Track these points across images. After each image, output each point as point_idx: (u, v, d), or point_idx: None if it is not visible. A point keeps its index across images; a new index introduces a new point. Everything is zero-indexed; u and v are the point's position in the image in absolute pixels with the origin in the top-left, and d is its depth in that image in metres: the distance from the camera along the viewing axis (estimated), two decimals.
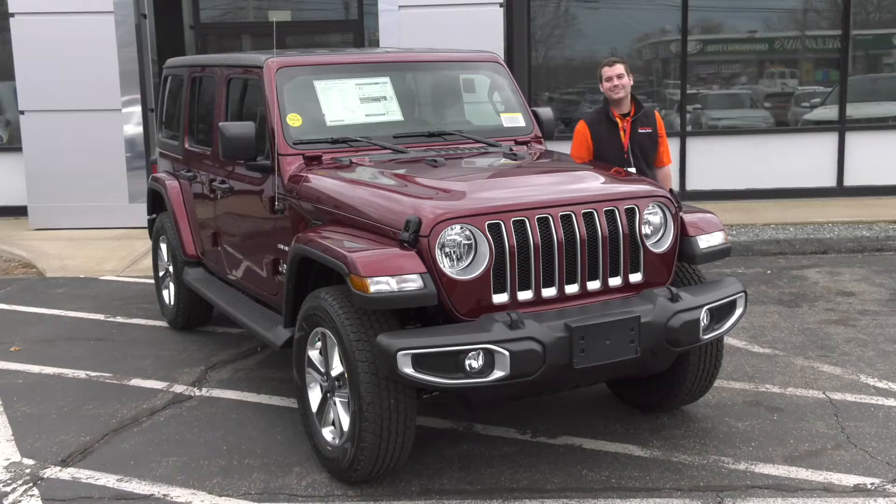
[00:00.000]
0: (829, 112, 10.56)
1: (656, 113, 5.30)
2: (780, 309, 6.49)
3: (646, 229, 3.99)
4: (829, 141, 10.42)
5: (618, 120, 5.18)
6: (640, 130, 5.23)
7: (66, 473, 4.12)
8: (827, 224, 8.93)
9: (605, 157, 5.10)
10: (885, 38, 10.86)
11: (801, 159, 10.30)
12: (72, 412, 4.86)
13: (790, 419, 4.53)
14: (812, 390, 4.91)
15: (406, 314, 3.83)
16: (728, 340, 5.65)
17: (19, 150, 10.21)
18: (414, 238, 3.61)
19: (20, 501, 3.86)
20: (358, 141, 4.69)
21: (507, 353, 3.46)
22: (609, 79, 5.19)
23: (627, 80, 5.20)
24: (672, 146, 10.48)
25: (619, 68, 5.24)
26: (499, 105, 5.32)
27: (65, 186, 9.95)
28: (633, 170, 5.06)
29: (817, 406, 4.68)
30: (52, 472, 4.14)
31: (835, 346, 5.65)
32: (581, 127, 5.27)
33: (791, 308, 6.51)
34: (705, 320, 3.89)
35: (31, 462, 4.24)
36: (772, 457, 4.10)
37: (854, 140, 10.39)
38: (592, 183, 4.08)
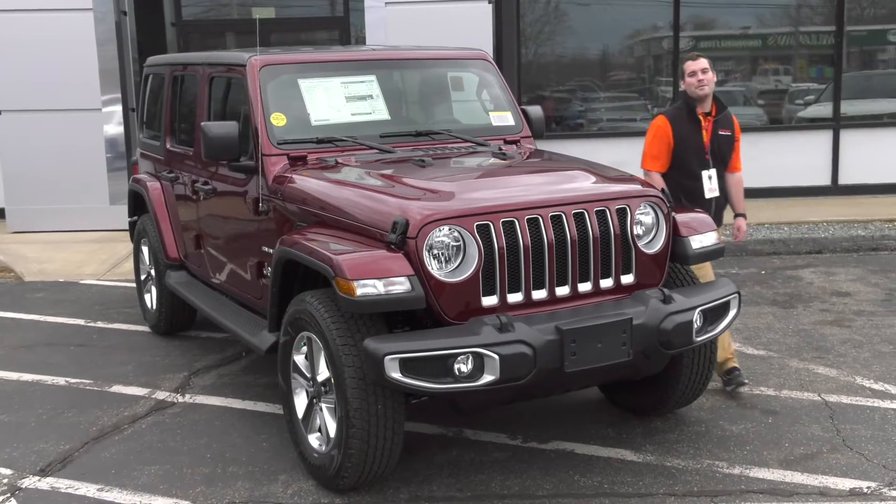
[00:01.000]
0: (824, 109, 10.61)
1: (734, 117, 5.04)
2: (774, 310, 6.52)
3: (637, 229, 4.00)
4: (823, 139, 10.47)
5: (701, 118, 4.88)
6: (720, 132, 4.93)
7: (45, 483, 4.10)
8: (822, 223, 8.97)
9: (684, 157, 4.85)
10: (880, 34, 10.92)
11: (796, 157, 10.34)
12: (51, 420, 4.83)
13: (785, 422, 4.54)
14: (807, 392, 4.94)
15: (393, 318, 3.82)
16: None
17: None
18: (401, 240, 3.61)
19: None
20: (344, 141, 4.68)
21: (496, 356, 3.46)
22: (693, 73, 4.84)
23: (712, 76, 4.87)
24: None
25: (704, 62, 4.88)
26: (487, 103, 5.32)
27: (43, 188, 9.90)
28: (712, 172, 4.87)
29: (813, 408, 4.70)
30: (30, 481, 4.11)
31: (830, 347, 5.68)
32: (661, 122, 4.90)
33: (786, 309, 6.53)
34: (698, 322, 3.91)
35: (8, 472, 4.22)
36: (767, 461, 4.12)
37: (849, 138, 10.45)
38: (583, 183, 4.09)
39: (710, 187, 4.87)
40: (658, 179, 4.83)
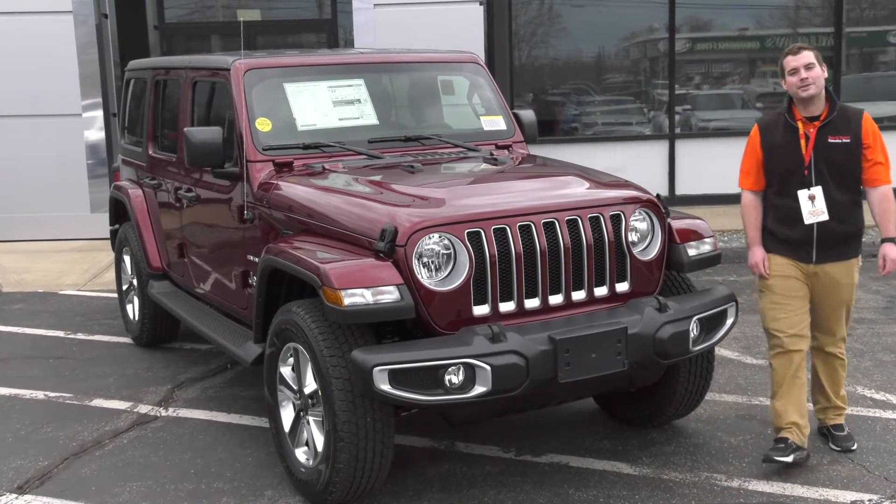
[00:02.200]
0: None
1: (865, 117, 4.10)
2: None
3: (632, 236, 4.01)
4: None
5: (799, 124, 4.06)
6: (830, 140, 4.02)
7: (23, 501, 4.08)
8: None
9: (777, 172, 4.10)
10: (880, 36, 11.00)
11: None
12: (29, 435, 4.81)
13: None
14: (808, 403, 4.94)
15: (382, 328, 3.82)
16: (719, 351, 5.68)
17: None
18: (390, 248, 3.62)
19: None
20: (331, 146, 4.69)
21: (488, 367, 3.47)
22: (794, 71, 4.02)
23: (820, 72, 4.03)
24: (660, 149, 10.71)
25: (808, 56, 4.04)
26: (479, 107, 5.34)
27: (22, 195, 9.88)
28: (815, 191, 4.03)
29: (813, 419, 4.71)
30: (7, 499, 4.09)
31: None
32: (753, 133, 4.21)
33: None
34: (695, 331, 3.92)
35: None
36: (766, 473, 4.13)
37: None
38: (576, 188, 4.10)
39: (812, 209, 4.04)
40: (749, 200, 4.22)
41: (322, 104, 4.86)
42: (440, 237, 3.65)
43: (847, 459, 4.24)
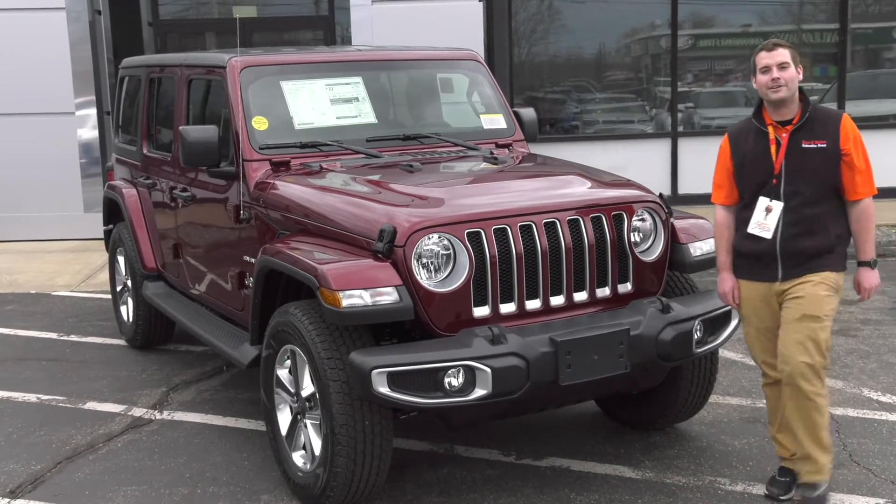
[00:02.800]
0: None
1: (844, 119, 3.67)
2: None
3: (635, 237, 4.01)
4: None
5: (770, 129, 3.70)
6: (804, 145, 3.65)
7: None
8: None
9: (748, 184, 3.74)
10: (886, 32, 11.01)
11: None
12: (21, 439, 4.81)
13: None
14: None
15: (381, 330, 3.82)
16: (723, 353, 5.69)
17: None
18: (389, 248, 3.61)
19: None
20: (328, 145, 4.69)
21: (488, 369, 3.46)
22: (766, 69, 3.65)
23: (794, 74, 3.65)
24: (662, 148, 10.72)
25: (783, 54, 3.65)
26: (478, 106, 5.34)
27: (14, 195, 9.88)
28: (777, 206, 3.66)
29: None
30: None
31: (836, 358, 5.70)
32: (723, 142, 3.86)
33: None
34: (698, 333, 3.92)
35: None
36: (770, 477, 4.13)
37: None
38: (578, 188, 4.10)
39: (762, 222, 3.69)
40: (721, 217, 3.87)
41: (319, 102, 4.86)
42: (440, 237, 3.65)
43: (853, 463, 4.24)
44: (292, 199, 4.28)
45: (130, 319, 6.26)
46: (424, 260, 3.64)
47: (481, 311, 3.70)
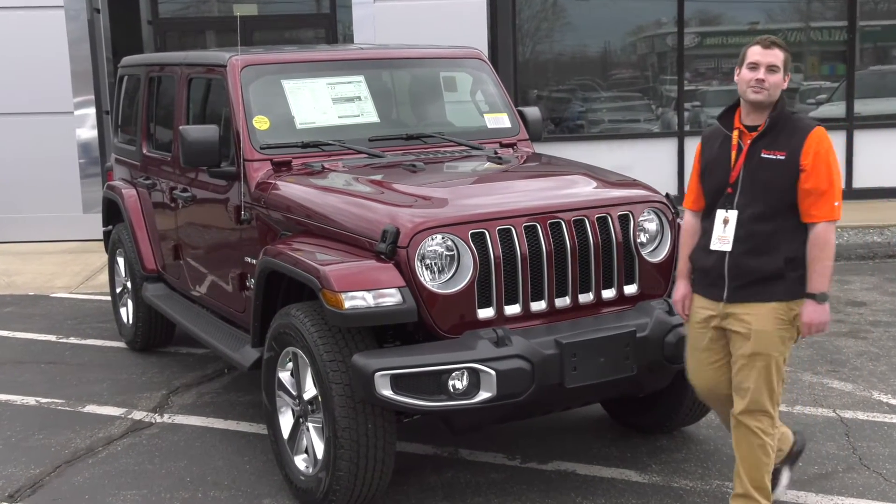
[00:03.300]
0: (836, 109, 10.66)
1: (814, 132, 3.34)
2: None
3: (641, 237, 4.01)
4: (836, 140, 10.30)
5: (735, 133, 3.44)
6: (763, 154, 3.36)
7: None
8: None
9: (708, 190, 3.52)
10: (895, 30, 10.99)
11: None
12: (20, 442, 4.82)
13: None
14: (821, 408, 4.95)
15: (384, 332, 3.82)
16: None
17: None
18: (391, 249, 3.62)
19: None
20: (330, 144, 4.69)
21: (493, 372, 3.46)
22: (755, 66, 3.36)
23: (781, 80, 3.36)
24: (668, 147, 10.71)
25: (777, 56, 3.35)
26: (482, 105, 5.34)
27: (12, 196, 9.89)
28: (732, 215, 3.40)
29: (827, 425, 4.71)
30: None
31: (845, 360, 5.70)
32: (699, 145, 3.68)
33: None
34: None
35: None
36: None
37: (863, 139, 10.50)
38: (583, 188, 4.10)
39: (721, 235, 3.43)
40: (687, 223, 3.64)
41: (321, 101, 4.86)
42: (443, 238, 3.65)
43: (863, 467, 4.24)
44: (294, 199, 4.28)
45: (130, 321, 6.27)
46: (428, 261, 3.64)
47: (485, 313, 3.70)
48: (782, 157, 3.34)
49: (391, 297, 3.55)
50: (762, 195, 3.36)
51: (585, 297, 3.88)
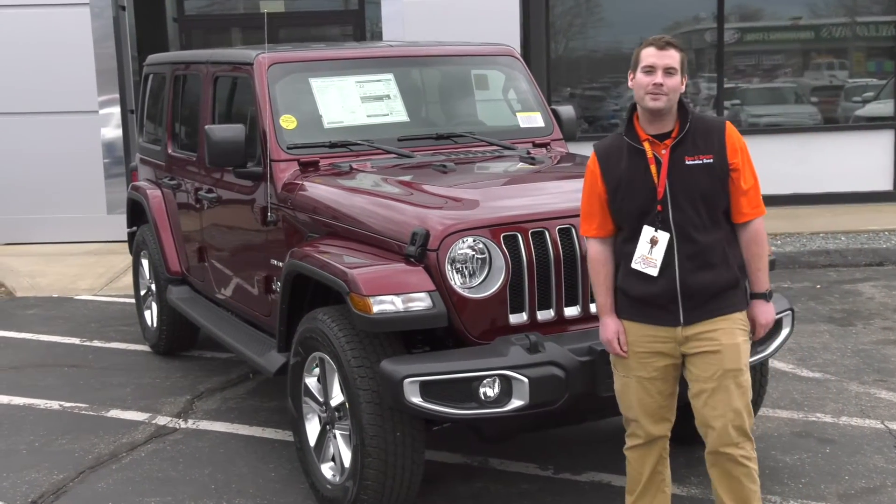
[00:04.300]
0: (884, 107, 10.53)
1: (728, 129, 3.25)
2: (831, 328, 6.46)
3: None
4: (883, 139, 10.38)
5: (646, 146, 3.22)
6: (687, 161, 3.19)
7: None
8: (883, 232, 8.89)
9: (627, 213, 3.24)
10: None
11: (853, 160, 10.26)
12: (43, 447, 4.87)
13: (844, 452, 4.49)
14: (868, 419, 4.88)
15: (412, 337, 3.82)
16: (773, 364, 5.61)
17: None
18: (421, 252, 3.61)
19: None
20: (359, 144, 4.71)
21: (525, 379, 3.45)
22: (650, 69, 3.17)
23: (679, 83, 3.19)
24: None
25: (673, 57, 3.18)
26: (515, 103, 5.33)
27: (36, 196, 10.00)
28: (663, 237, 3.17)
29: (875, 437, 4.64)
30: None
31: (893, 369, 5.62)
32: (591, 162, 3.35)
33: (843, 327, 6.47)
34: None
35: None
36: (824, 494, 4.07)
37: None
38: None
39: (646, 256, 3.20)
40: (595, 253, 3.32)
41: (349, 100, 4.88)
42: (474, 241, 3.64)
43: None
44: (321, 200, 4.29)
45: (154, 325, 6.32)
46: (458, 264, 3.63)
47: (518, 318, 3.69)
48: (710, 161, 3.18)
49: (421, 302, 3.54)
50: (699, 205, 3.17)
51: None
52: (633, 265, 3.21)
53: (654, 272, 3.18)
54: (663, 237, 3.18)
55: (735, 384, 3.21)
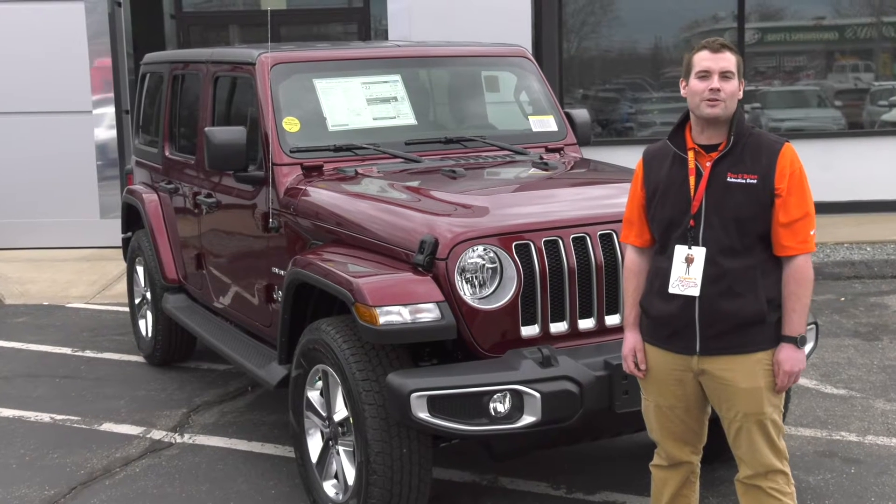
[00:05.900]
0: None
1: (784, 150, 3.07)
2: (856, 342, 6.45)
3: None
4: None
5: (690, 154, 3.11)
6: (730, 178, 3.05)
7: None
8: None
9: (658, 221, 3.16)
10: None
11: (879, 167, 10.25)
12: (34, 461, 4.88)
13: (870, 472, 4.48)
14: (895, 439, 4.87)
15: (420, 349, 3.83)
16: None
17: None
18: (429, 261, 3.62)
19: None
20: (364, 148, 4.72)
21: (537, 395, 3.45)
22: (705, 74, 3.05)
23: (736, 88, 3.06)
24: None
25: (730, 60, 3.06)
26: (527, 106, 5.34)
27: (26, 200, 10.02)
28: (699, 252, 3.04)
29: None
30: None
31: None
32: (638, 167, 3.30)
33: (869, 342, 6.46)
34: None
35: None
36: None
37: None
38: None
39: (684, 276, 3.07)
40: (631, 261, 3.26)
41: (355, 102, 4.89)
42: (485, 250, 3.65)
43: None
44: (325, 206, 4.30)
45: (149, 334, 6.33)
46: (468, 274, 3.64)
47: (530, 331, 3.70)
48: (753, 181, 3.03)
49: (429, 313, 3.55)
50: (732, 226, 3.04)
51: None
52: (672, 290, 3.07)
53: (695, 292, 3.03)
54: (699, 253, 3.04)
55: (757, 426, 3.10)
